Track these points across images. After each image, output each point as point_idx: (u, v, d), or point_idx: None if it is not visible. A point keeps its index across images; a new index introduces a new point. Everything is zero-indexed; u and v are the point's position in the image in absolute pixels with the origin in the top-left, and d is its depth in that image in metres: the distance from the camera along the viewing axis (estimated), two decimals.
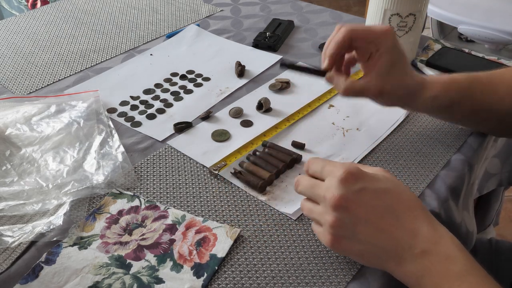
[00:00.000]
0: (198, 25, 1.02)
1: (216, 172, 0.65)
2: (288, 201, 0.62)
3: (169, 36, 0.99)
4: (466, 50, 0.90)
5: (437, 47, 0.91)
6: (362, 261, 0.52)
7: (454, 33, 1.78)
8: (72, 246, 0.55)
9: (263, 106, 0.77)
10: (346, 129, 0.73)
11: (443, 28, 1.77)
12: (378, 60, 0.62)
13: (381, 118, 0.75)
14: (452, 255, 0.47)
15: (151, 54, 0.93)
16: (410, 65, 0.65)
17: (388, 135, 0.72)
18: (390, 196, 0.50)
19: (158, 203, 0.61)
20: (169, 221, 0.58)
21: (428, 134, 0.72)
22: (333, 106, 0.78)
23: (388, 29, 0.62)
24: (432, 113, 0.70)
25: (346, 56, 0.67)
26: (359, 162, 0.67)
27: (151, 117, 0.76)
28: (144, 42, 0.98)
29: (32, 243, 0.56)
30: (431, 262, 0.47)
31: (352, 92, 0.63)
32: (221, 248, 0.55)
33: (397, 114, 0.76)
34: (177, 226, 0.58)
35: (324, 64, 0.65)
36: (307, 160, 0.55)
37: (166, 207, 0.60)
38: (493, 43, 1.50)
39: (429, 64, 0.87)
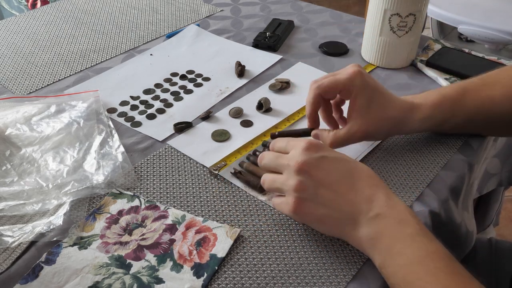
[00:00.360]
0: (198, 25, 1.02)
1: (216, 172, 0.65)
2: None
3: (169, 36, 0.99)
4: (466, 50, 0.90)
5: (437, 47, 0.91)
6: (322, 227, 0.55)
7: (454, 33, 1.78)
8: (72, 246, 0.55)
9: (263, 106, 0.77)
10: None
11: (443, 28, 1.77)
12: (354, 104, 0.64)
13: None
14: (405, 218, 0.51)
15: (151, 54, 0.93)
16: (390, 96, 0.65)
17: None
18: (348, 165, 0.55)
19: (158, 203, 0.61)
20: (169, 221, 0.58)
21: (428, 134, 0.72)
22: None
23: (353, 71, 0.63)
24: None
25: (333, 102, 0.69)
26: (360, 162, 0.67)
27: (151, 117, 0.76)
28: (144, 42, 0.98)
29: (32, 243, 0.56)
30: (384, 224, 0.51)
31: (338, 144, 0.65)
32: (221, 248, 0.55)
33: None
34: (177, 226, 0.58)
35: (308, 125, 0.68)
36: (272, 141, 0.60)
37: (166, 207, 0.60)
38: (493, 43, 1.50)
39: (429, 64, 0.87)
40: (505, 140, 0.86)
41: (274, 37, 0.95)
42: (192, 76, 0.87)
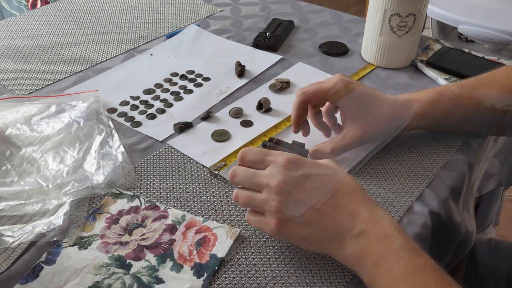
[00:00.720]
0: (198, 25, 1.02)
1: (216, 172, 0.65)
2: None
3: (169, 36, 0.99)
4: (466, 50, 0.90)
5: (437, 47, 0.91)
6: (307, 246, 0.53)
7: (454, 33, 1.78)
8: (72, 246, 0.55)
9: (263, 106, 0.77)
10: None
11: (443, 28, 1.77)
12: (344, 110, 0.66)
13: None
14: (390, 234, 0.49)
15: (151, 54, 0.93)
16: (380, 96, 0.66)
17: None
18: (331, 180, 0.53)
19: (158, 203, 0.61)
20: (169, 221, 0.58)
21: (428, 134, 0.72)
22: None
23: (337, 80, 0.65)
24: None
25: (323, 109, 0.70)
26: (363, 163, 0.67)
27: (151, 117, 0.76)
28: (144, 42, 0.98)
29: (32, 243, 0.56)
30: (369, 241, 0.49)
31: (337, 151, 0.66)
32: (221, 248, 0.55)
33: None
34: (177, 226, 0.58)
35: (293, 130, 0.69)
36: (240, 151, 0.56)
37: (166, 207, 0.60)
38: (493, 43, 1.50)
39: (429, 64, 0.87)
40: (505, 140, 0.86)
41: (274, 37, 0.95)
42: (192, 76, 0.87)
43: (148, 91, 0.82)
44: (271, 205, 0.51)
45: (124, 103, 0.79)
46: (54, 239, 0.56)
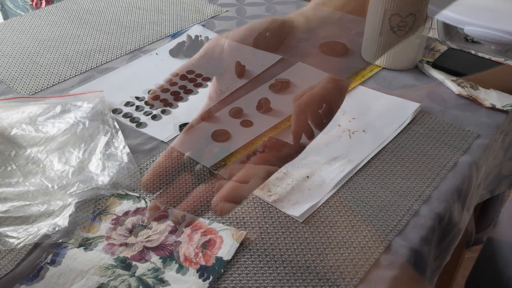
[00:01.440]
0: (203, 25, 1.02)
1: (216, 172, 0.65)
2: (294, 203, 0.62)
3: (174, 36, 1.00)
4: (467, 51, 0.90)
5: (437, 47, 0.91)
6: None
7: (459, 34, 1.78)
8: (77, 247, 0.56)
9: (263, 106, 0.77)
10: (352, 131, 0.74)
11: (448, 29, 1.77)
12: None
13: (388, 120, 0.75)
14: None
15: (151, 54, 0.94)
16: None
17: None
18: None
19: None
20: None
21: (430, 135, 0.73)
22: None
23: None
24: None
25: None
26: (365, 164, 0.68)
27: (155, 117, 0.77)
28: (149, 42, 0.98)
29: (36, 245, 0.56)
30: None
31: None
32: (226, 251, 0.55)
33: (403, 115, 0.76)
34: (182, 228, 0.58)
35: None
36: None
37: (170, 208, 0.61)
38: (499, 44, 1.49)
39: (435, 66, 0.87)
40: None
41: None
42: (192, 76, 0.87)
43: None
44: None
45: (128, 104, 0.80)
46: (59, 240, 0.56)
